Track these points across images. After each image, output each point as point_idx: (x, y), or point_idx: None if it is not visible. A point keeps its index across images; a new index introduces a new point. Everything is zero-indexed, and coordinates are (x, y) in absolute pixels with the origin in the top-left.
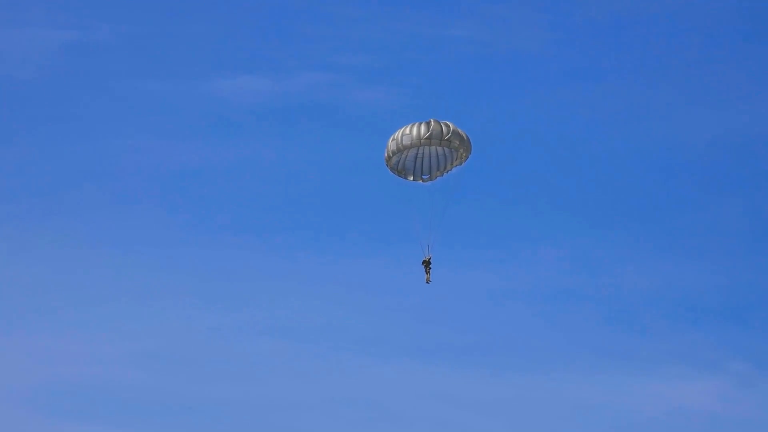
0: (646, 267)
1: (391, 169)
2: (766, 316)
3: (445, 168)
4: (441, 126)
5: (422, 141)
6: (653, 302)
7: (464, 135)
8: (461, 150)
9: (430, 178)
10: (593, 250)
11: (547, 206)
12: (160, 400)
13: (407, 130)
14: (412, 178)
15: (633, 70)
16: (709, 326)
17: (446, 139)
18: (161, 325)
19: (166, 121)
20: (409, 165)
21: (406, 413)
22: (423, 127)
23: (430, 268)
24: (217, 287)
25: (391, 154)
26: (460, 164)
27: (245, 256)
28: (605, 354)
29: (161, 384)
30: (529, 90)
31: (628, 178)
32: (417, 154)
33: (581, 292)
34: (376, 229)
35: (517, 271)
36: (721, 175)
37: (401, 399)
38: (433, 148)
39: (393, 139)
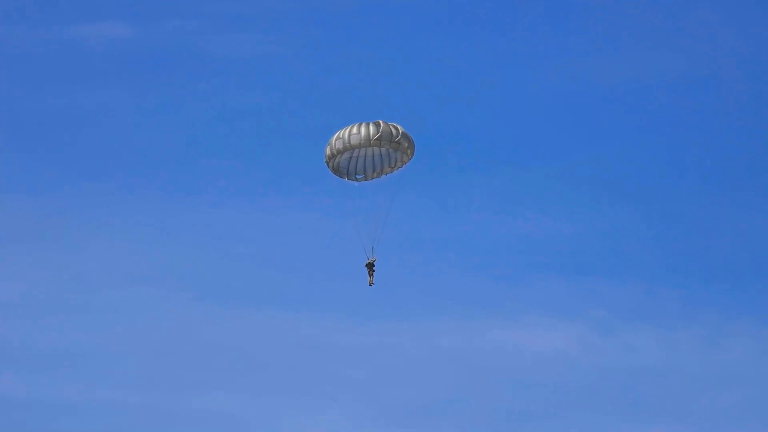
0: (506, 216)
1: (333, 168)
2: (623, 265)
3: (382, 170)
4: (390, 128)
5: (372, 142)
6: (513, 251)
7: (410, 138)
8: (409, 152)
9: (365, 179)
10: (455, 198)
11: None
12: None
13: (354, 130)
14: (346, 178)
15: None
16: (569, 275)
17: (395, 141)
18: None
19: (25, 68)
20: (343, 165)
21: (271, 361)
22: (372, 128)
23: (374, 271)
24: (60, 232)
25: (335, 153)
26: (402, 166)
27: (94, 202)
28: (468, 302)
29: None
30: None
31: (488, 127)
32: (353, 154)
33: (443, 240)
34: (232, 180)
35: None
36: (578, 126)
37: (265, 347)
38: (372, 149)
39: (338, 138)
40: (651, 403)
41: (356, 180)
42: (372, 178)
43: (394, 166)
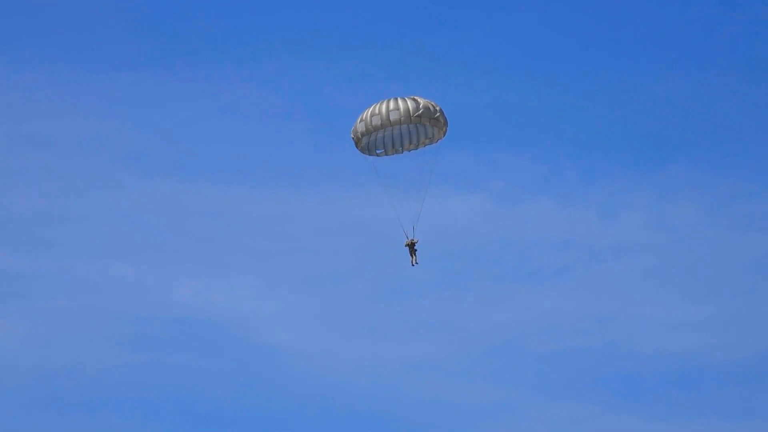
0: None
1: (364, 147)
2: (524, 136)
3: (418, 143)
4: (429, 104)
5: (413, 118)
6: None
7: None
8: (445, 129)
9: (403, 149)
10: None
11: None
12: None
13: (391, 105)
14: (383, 152)
15: None
16: (471, 145)
17: (435, 118)
18: None
19: None
20: (379, 142)
21: (168, 230)
22: (411, 103)
23: (416, 251)
24: None
25: (370, 130)
26: (437, 142)
27: None
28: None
29: None
30: None
31: None
32: (386, 132)
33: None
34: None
35: (275, 93)
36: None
37: (166, 216)
38: (406, 125)
39: (374, 114)
40: (550, 272)
41: (378, 155)
42: (399, 153)
43: (433, 139)
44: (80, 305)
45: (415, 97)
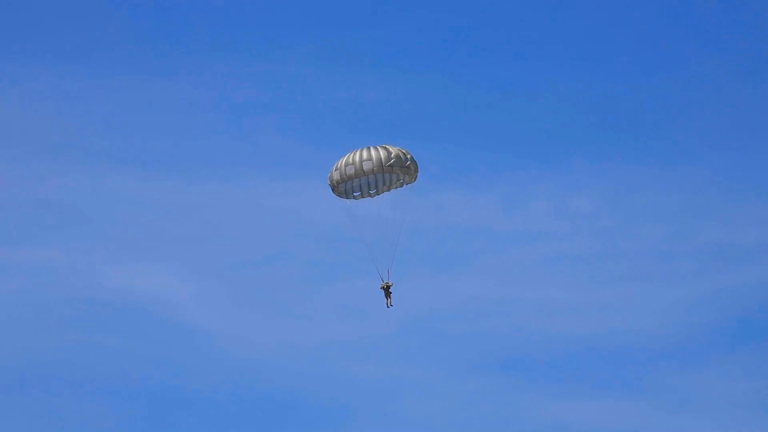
0: (326, 81)
1: (340, 193)
2: (432, 129)
3: (389, 187)
4: (400, 153)
5: (384, 168)
6: (333, 117)
7: (415, 160)
8: (415, 175)
9: (377, 193)
10: None
11: None
12: None
13: (364, 155)
14: (360, 195)
15: None
16: (379, 139)
17: (406, 166)
18: None
19: None
20: (353, 188)
21: (97, 216)
22: (383, 152)
23: (391, 293)
24: None
25: (345, 179)
26: (409, 184)
27: None
28: (291, 164)
29: None
30: None
31: None
32: (362, 180)
33: (266, 105)
34: None
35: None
36: None
37: (91, 203)
38: (380, 173)
39: (348, 164)
40: (460, 258)
41: (370, 195)
42: (382, 192)
43: (404, 183)
44: (10, 289)
45: (387, 146)
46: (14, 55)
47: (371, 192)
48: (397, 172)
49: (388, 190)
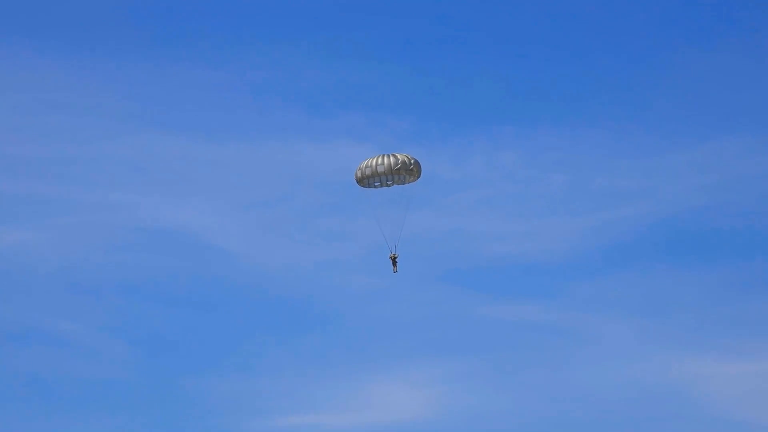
0: None
1: (363, 185)
2: (381, 97)
3: (399, 181)
4: (405, 159)
5: (393, 170)
6: None
7: (419, 164)
8: (418, 176)
9: (389, 186)
10: None
11: None
12: None
13: (380, 161)
14: (379, 185)
15: None
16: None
17: (410, 169)
18: None
19: None
20: (370, 182)
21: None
22: (392, 159)
23: (397, 263)
24: None
25: (365, 176)
26: (411, 182)
27: None
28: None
29: None
30: None
31: None
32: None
33: None
34: None
35: None
36: None
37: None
38: (390, 174)
39: (367, 166)
40: (417, 199)
41: (375, 187)
42: (387, 187)
43: (408, 180)
44: (85, 220)
45: (396, 154)
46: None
47: (388, 183)
48: (403, 174)
49: (397, 184)
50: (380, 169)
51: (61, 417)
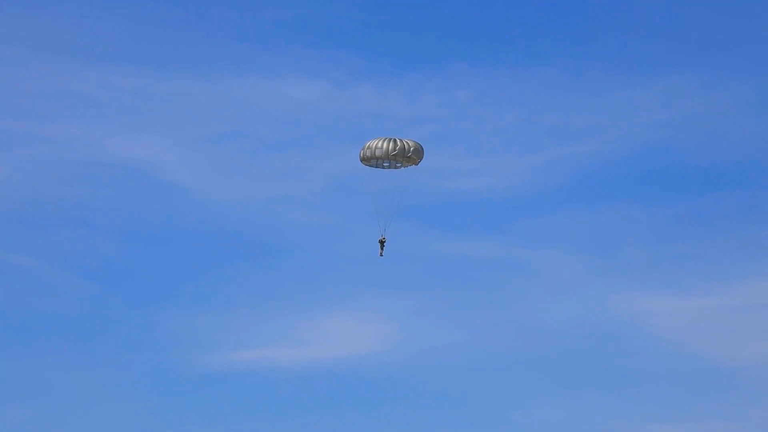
0: None
1: (364, 164)
2: (349, 36)
3: (396, 165)
4: (404, 144)
5: (389, 155)
6: None
7: (420, 150)
8: (417, 161)
9: (387, 168)
10: None
11: None
12: None
13: (379, 144)
14: (377, 166)
15: None
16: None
17: (407, 156)
18: None
19: None
20: (372, 162)
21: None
22: (391, 144)
23: (384, 247)
24: None
25: (367, 157)
26: (409, 166)
27: None
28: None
29: None
30: None
31: None
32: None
33: None
34: None
35: None
36: None
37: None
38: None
39: (368, 148)
40: (372, 135)
41: (375, 167)
42: (385, 169)
43: (405, 165)
44: (37, 154)
45: (396, 139)
46: None
47: (384, 165)
48: (401, 159)
49: (395, 168)
50: (378, 152)
51: (15, 350)
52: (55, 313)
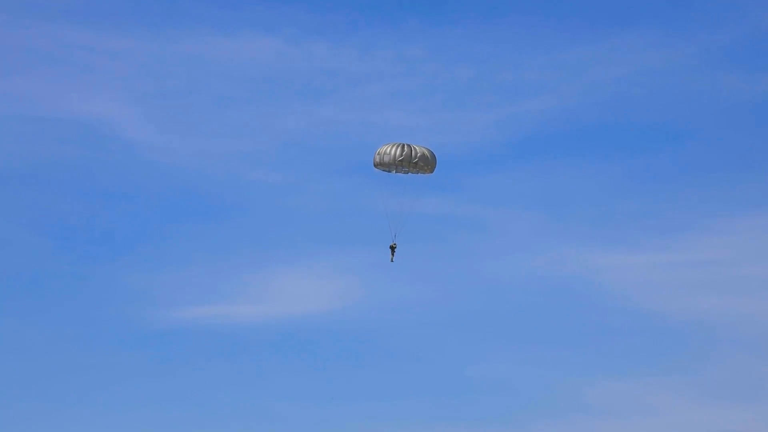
0: None
1: (378, 168)
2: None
3: (405, 172)
4: (412, 151)
5: (396, 162)
6: None
7: (429, 158)
8: (426, 169)
9: (396, 172)
10: None
11: None
12: None
13: (388, 150)
14: (394, 171)
15: None
16: None
17: (413, 163)
18: None
19: None
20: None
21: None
22: (398, 150)
23: (394, 252)
24: None
25: (378, 163)
26: (416, 173)
27: None
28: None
29: None
30: None
31: None
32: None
33: None
34: None
35: None
36: None
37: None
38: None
39: (378, 154)
40: (325, 91)
41: (387, 172)
42: (397, 173)
43: (408, 173)
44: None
45: (406, 144)
46: None
47: (393, 171)
48: (407, 165)
49: (404, 173)
50: (386, 158)
51: None
52: (8, 269)
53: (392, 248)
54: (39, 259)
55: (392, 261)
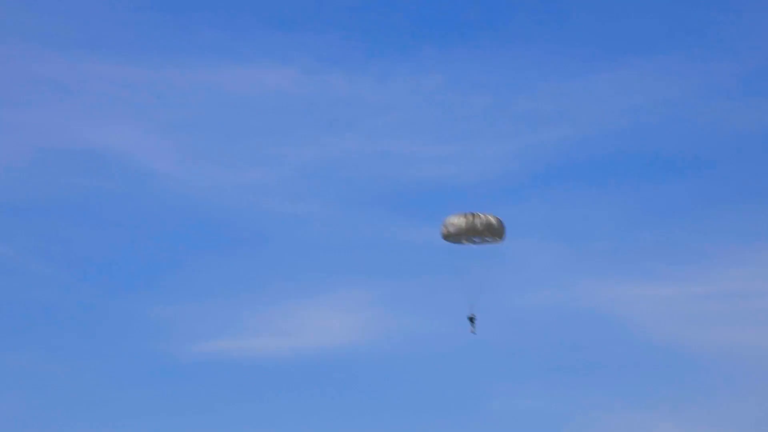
0: None
1: (446, 239)
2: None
3: (473, 241)
4: (476, 221)
5: (462, 231)
6: None
7: (495, 227)
8: (495, 238)
9: (465, 242)
10: None
11: None
12: None
13: (455, 221)
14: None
15: None
16: None
17: (479, 231)
18: None
19: None
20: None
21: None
22: (463, 219)
23: (475, 323)
24: None
25: (448, 234)
26: (488, 243)
27: None
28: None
29: None
30: None
31: None
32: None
33: None
34: None
35: None
36: None
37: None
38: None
39: (445, 225)
40: (342, 122)
41: (460, 243)
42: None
43: (479, 242)
44: (10, 141)
45: (471, 214)
46: None
47: (463, 241)
48: (473, 234)
49: (474, 243)
50: (452, 229)
51: None
52: (32, 303)
53: (471, 319)
54: (57, 292)
55: (473, 332)
